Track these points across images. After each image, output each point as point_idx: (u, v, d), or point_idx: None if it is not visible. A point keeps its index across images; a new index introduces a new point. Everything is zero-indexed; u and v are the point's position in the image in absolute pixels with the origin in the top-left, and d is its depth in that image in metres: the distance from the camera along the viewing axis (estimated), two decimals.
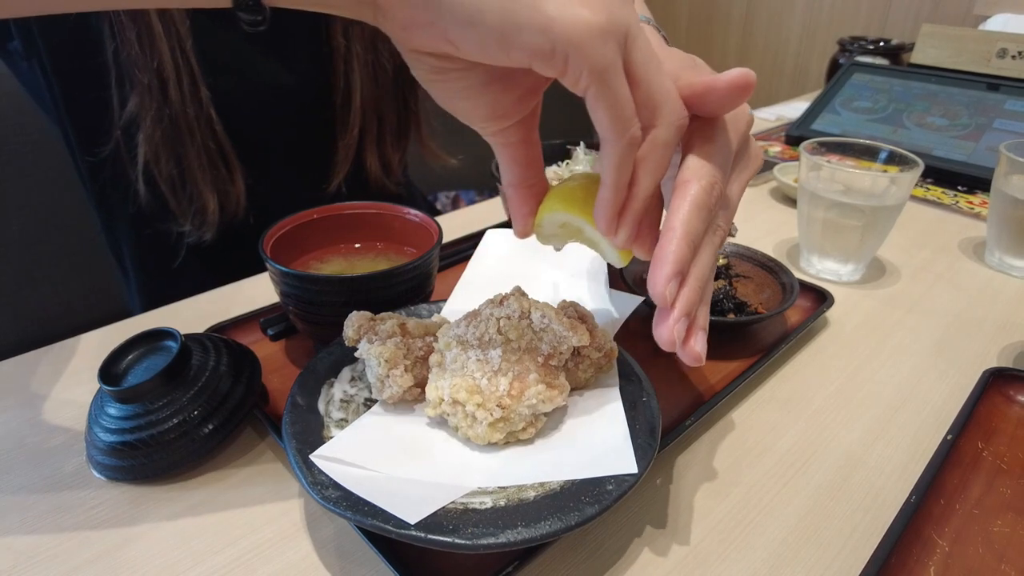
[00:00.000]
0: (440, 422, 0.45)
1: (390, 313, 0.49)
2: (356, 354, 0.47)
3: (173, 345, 0.48)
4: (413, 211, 0.62)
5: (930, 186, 1.03)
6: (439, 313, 0.55)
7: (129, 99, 0.67)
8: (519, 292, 0.49)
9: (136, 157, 0.69)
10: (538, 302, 0.48)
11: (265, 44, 0.76)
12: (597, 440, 0.43)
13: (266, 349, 0.59)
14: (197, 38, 0.66)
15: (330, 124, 0.82)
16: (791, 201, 0.96)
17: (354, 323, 0.48)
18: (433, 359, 0.47)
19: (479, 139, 0.41)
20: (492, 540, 0.35)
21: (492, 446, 0.44)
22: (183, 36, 0.64)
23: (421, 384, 0.47)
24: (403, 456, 0.43)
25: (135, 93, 0.66)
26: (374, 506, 0.37)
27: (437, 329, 0.49)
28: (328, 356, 0.50)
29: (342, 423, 0.45)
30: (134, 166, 0.69)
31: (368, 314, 0.48)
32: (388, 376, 0.45)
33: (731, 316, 0.61)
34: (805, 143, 0.75)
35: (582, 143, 0.80)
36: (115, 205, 0.78)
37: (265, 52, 0.77)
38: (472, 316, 0.48)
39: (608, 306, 0.55)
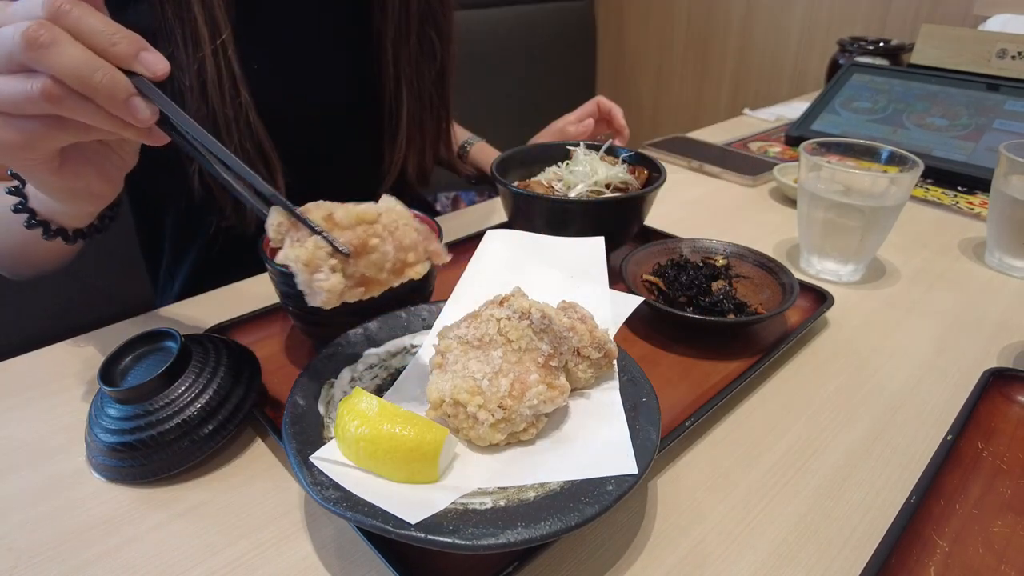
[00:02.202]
0: (441, 423, 0.45)
1: (318, 203, 0.43)
2: (279, 259, 0.41)
3: (173, 346, 0.48)
4: (413, 211, 0.62)
5: (930, 186, 1.03)
6: (440, 314, 0.55)
7: (178, 102, 0.69)
8: (519, 293, 0.49)
9: (191, 161, 0.72)
10: (538, 303, 0.48)
11: (311, 61, 0.80)
12: (597, 440, 0.43)
13: (266, 349, 0.59)
14: (241, 46, 0.68)
15: (375, 136, 0.86)
16: (791, 202, 0.96)
17: (273, 223, 0.42)
18: (434, 360, 0.47)
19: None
20: (492, 541, 0.35)
21: (493, 447, 0.44)
22: (225, 41, 0.66)
23: (362, 282, 0.42)
24: None
25: (181, 96, 0.68)
26: (374, 506, 0.37)
27: (374, 217, 0.42)
28: (328, 357, 0.50)
29: None
30: (191, 162, 0.72)
31: (286, 210, 0.42)
32: (312, 281, 0.40)
33: (731, 316, 0.61)
34: (805, 143, 0.75)
35: (582, 144, 0.80)
36: (169, 198, 0.82)
37: (312, 68, 0.80)
38: (472, 317, 0.48)
39: (608, 306, 0.55)
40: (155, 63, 0.40)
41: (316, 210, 0.41)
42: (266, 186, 0.41)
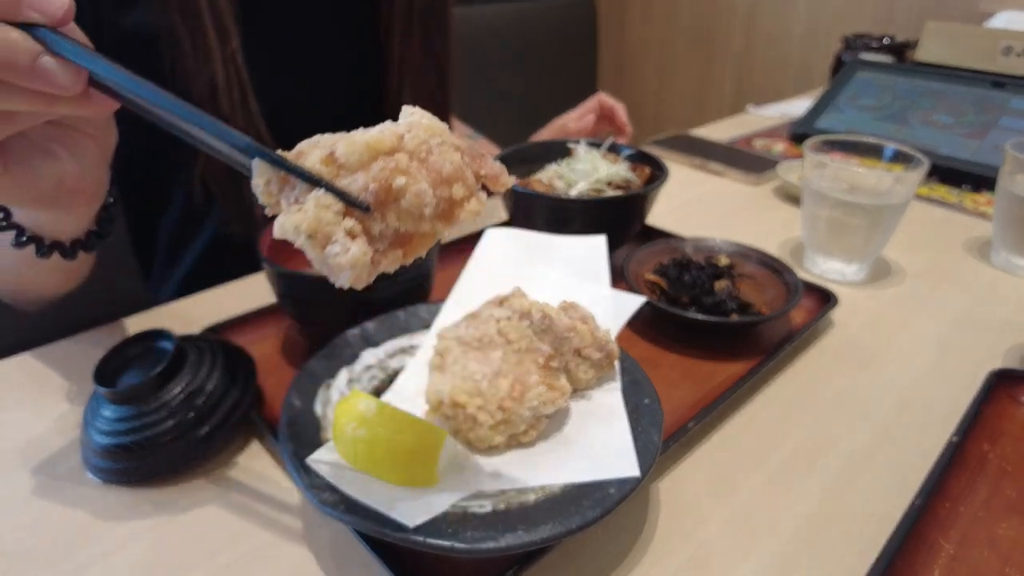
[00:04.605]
0: (440, 424, 0.45)
1: (314, 140, 0.31)
2: (276, 234, 0.29)
3: (168, 346, 0.48)
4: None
5: (935, 185, 1.02)
6: (439, 315, 0.55)
7: None
8: (519, 293, 0.48)
9: (195, 161, 0.72)
10: (538, 303, 0.47)
11: (314, 62, 0.79)
12: (598, 443, 0.43)
13: (262, 350, 0.59)
14: (248, 51, 0.68)
15: None
16: (795, 200, 0.95)
17: (260, 182, 0.30)
18: (433, 361, 0.47)
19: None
20: (492, 544, 0.35)
21: (493, 449, 0.43)
22: (235, 49, 0.66)
23: (399, 241, 0.30)
24: None
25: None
26: (372, 509, 0.37)
27: (394, 143, 0.30)
28: (325, 357, 0.50)
29: None
30: (192, 171, 0.72)
31: (269, 161, 0.30)
32: (327, 257, 0.28)
33: (734, 317, 0.60)
34: (809, 141, 0.75)
35: (583, 142, 0.80)
36: (167, 201, 0.81)
37: (314, 69, 0.80)
38: (472, 317, 0.47)
39: (610, 307, 0.54)
40: (49, 3, 0.30)
41: (312, 151, 0.30)
42: (239, 136, 0.31)
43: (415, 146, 0.30)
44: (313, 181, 0.29)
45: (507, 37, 1.93)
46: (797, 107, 1.42)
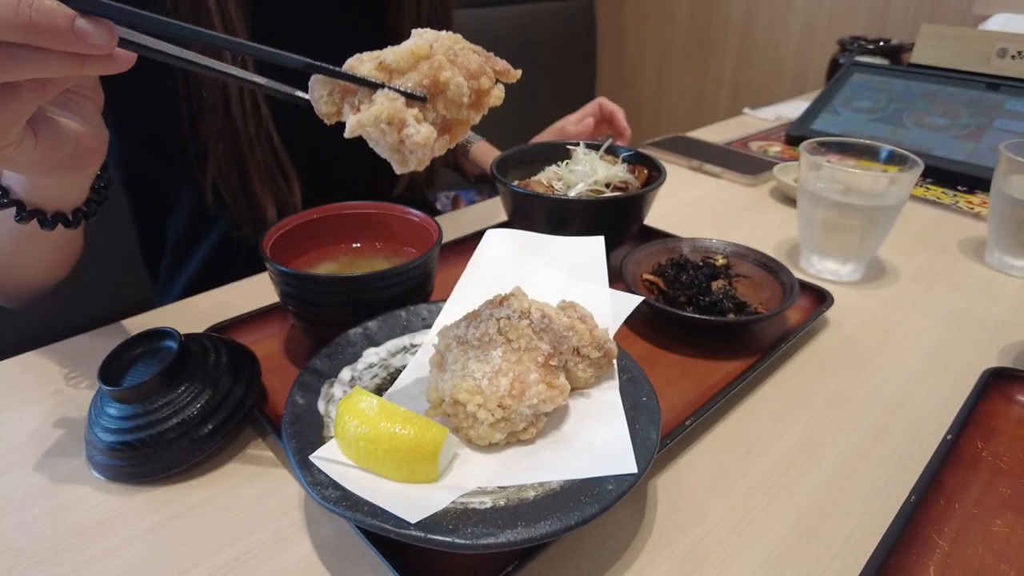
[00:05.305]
0: (441, 422, 0.45)
1: (359, 57, 0.37)
2: (346, 134, 0.36)
3: (172, 345, 0.48)
4: (413, 211, 0.62)
5: (930, 186, 1.03)
6: (440, 314, 0.55)
7: (197, 118, 0.69)
8: (519, 292, 0.49)
9: (206, 170, 0.72)
10: (538, 302, 0.48)
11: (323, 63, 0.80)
12: (597, 440, 0.43)
13: (266, 348, 0.59)
14: (260, 60, 0.68)
15: None
16: (791, 201, 0.96)
17: (322, 94, 0.36)
18: (433, 360, 0.47)
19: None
20: (492, 540, 0.35)
21: (493, 446, 0.44)
22: (247, 58, 0.66)
23: (445, 127, 0.37)
24: None
25: (202, 113, 0.68)
26: (374, 506, 0.37)
27: (428, 50, 0.37)
28: (327, 356, 0.50)
29: None
30: (204, 177, 0.73)
31: (328, 77, 0.36)
32: (403, 141, 0.35)
33: (731, 316, 0.61)
34: (805, 143, 0.75)
35: (582, 143, 0.80)
36: (176, 203, 0.81)
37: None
38: (472, 317, 0.48)
39: (608, 306, 0.55)
40: None
41: (363, 65, 0.36)
42: (295, 57, 0.35)
43: (444, 51, 0.37)
44: (376, 85, 0.35)
45: (507, 40, 1.94)
46: (793, 109, 1.43)
